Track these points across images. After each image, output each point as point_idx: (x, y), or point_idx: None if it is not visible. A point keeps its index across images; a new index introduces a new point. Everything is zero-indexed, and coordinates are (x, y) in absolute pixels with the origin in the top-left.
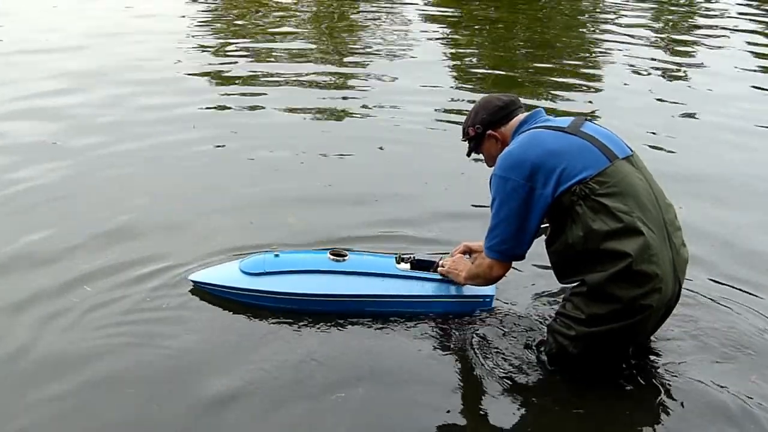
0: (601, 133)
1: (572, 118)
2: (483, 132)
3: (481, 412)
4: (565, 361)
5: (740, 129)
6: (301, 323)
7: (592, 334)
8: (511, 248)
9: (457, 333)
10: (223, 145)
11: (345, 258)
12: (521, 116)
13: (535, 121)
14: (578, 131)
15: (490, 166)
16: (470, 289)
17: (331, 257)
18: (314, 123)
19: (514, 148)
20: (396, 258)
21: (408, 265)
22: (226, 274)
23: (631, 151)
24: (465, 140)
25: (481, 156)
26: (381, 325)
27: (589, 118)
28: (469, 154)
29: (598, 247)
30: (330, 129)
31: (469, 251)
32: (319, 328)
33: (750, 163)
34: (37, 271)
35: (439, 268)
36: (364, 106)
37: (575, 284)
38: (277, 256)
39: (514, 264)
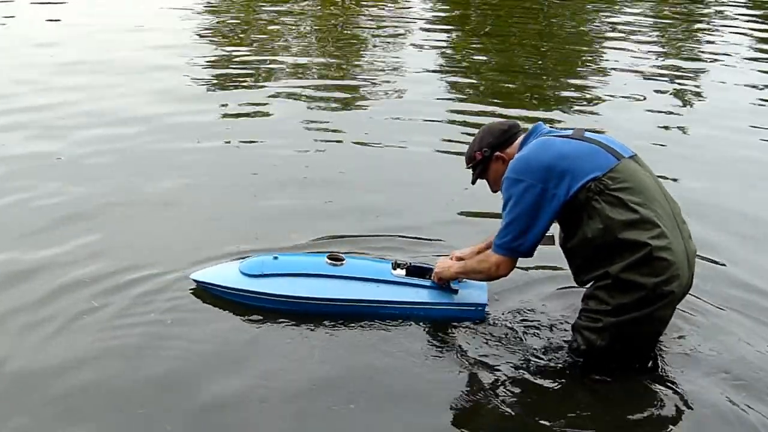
0: (603, 137)
1: (572, 129)
2: (490, 155)
3: (484, 417)
4: (594, 357)
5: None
6: (299, 326)
7: (619, 324)
8: (519, 245)
9: (457, 338)
10: (227, 158)
11: (342, 262)
12: (523, 135)
13: (539, 133)
14: (582, 137)
15: (495, 192)
16: (464, 297)
17: (329, 261)
18: (318, 139)
19: (525, 153)
20: (392, 264)
21: (404, 272)
22: (226, 274)
23: (633, 152)
24: (470, 167)
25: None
26: (381, 329)
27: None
28: (474, 181)
29: (616, 236)
30: (333, 145)
31: (460, 261)
32: (315, 332)
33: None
34: (40, 273)
35: (432, 276)
36: (369, 120)
37: (596, 279)
38: (276, 258)
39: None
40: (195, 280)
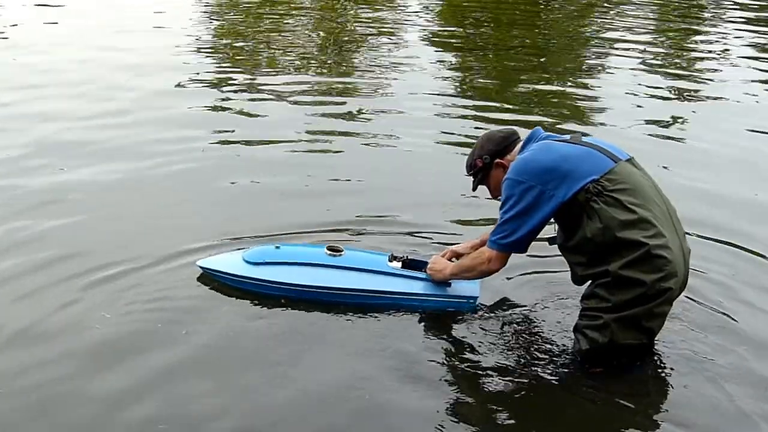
0: (600, 141)
1: (570, 134)
2: (491, 162)
3: (483, 412)
4: (598, 355)
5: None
6: (300, 314)
7: (619, 320)
8: (513, 242)
9: (451, 340)
10: (228, 163)
11: (341, 253)
12: (522, 142)
13: (538, 137)
14: (580, 141)
15: (495, 197)
16: (457, 290)
17: (328, 252)
18: (317, 145)
19: (526, 155)
20: (389, 256)
21: (399, 264)
22: (230, 262)
23: (629, 155)
24: (471, 174)
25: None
26: (383, 320)
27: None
28: (475, 188)
29: (615, 235)
30: (332, 152)
31: (456, 256)
32: (310, 331)
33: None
34: (44, 262)
35: (428, 269)
36: (366, 130)
37: (595, 278)
38: (278, 248)
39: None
40: (201, 267)
